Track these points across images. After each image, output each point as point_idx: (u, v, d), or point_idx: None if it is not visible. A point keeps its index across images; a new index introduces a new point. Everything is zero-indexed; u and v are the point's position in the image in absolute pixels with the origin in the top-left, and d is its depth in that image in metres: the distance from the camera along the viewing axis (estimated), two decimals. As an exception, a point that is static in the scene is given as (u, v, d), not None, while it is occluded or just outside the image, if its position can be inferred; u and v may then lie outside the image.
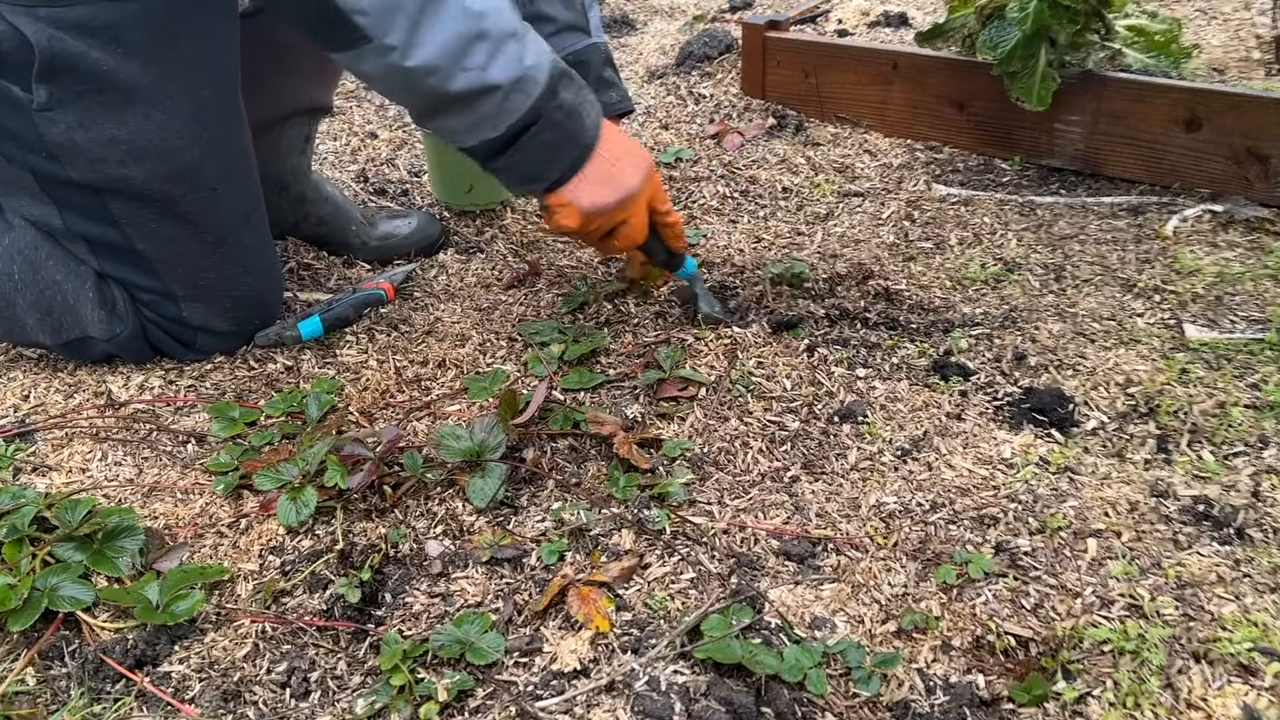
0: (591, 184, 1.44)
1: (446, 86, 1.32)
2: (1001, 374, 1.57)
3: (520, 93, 1.35)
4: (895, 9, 2.59)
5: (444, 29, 1.28)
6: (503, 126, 1.37)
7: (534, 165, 1.42)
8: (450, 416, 1.53)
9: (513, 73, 1.33)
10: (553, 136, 1.39)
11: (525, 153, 1.40)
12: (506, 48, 1.32)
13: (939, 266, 1.87)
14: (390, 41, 1.27)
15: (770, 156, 2.30)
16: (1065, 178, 2.18)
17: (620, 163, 1.46)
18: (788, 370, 1.57)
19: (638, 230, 1.54)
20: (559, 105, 1.38)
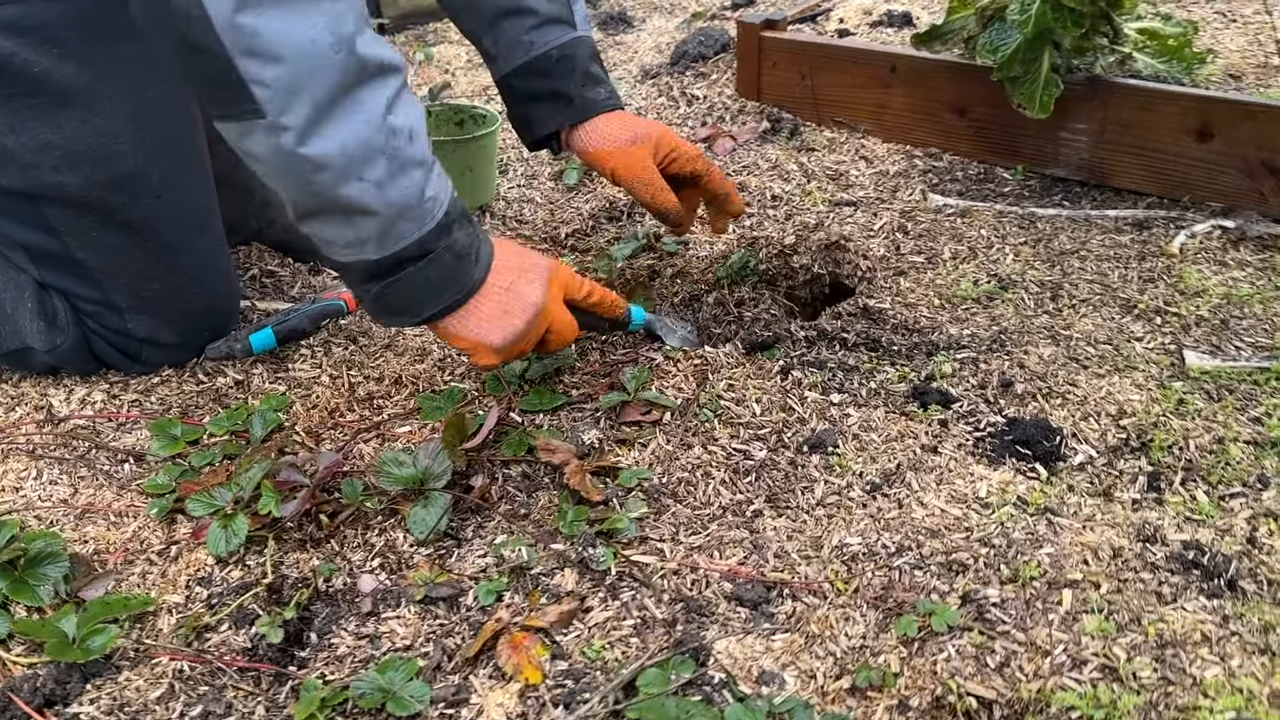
0: (493, 319, 1.34)
1: (335, 190, 1.16)
2: (986, 402, 1.48)
3: (410, 222, 1.22)
4: (899, 8, 2.49)
5: (351, 129, 1.15)
6: (385, 252, 1.23)
7: (408, 300, 1.29)
8: (400, 438, 1.46)
9: (408, 199, 1.20)
10: (436, 275, 1.28)
11: (403, 285, 1.27)
12: (410, 173, 1.20)
13: (929, 283, 1.78)
14: (285, 122, 1.12)
15: (762, 162, 2.21)
16: (1070, 188, 2.08)
17: (515, 285, 1.36)
18: (759, 394, 1.49)
19: (564, 331, 1.44)
20: (449, 246, 1.26)
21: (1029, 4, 1.89)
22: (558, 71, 1.58)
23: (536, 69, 1.58)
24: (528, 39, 1.57)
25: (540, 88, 1.60)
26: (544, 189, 2.21)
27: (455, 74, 2.75)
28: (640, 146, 1.60)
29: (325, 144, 1.13)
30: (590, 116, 1.61)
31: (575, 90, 1.59)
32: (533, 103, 1.62)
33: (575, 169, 2.22)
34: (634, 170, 1.60)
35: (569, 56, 1.58)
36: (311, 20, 1.08)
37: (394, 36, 2.85)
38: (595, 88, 1.61)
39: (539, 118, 1.62)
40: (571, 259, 1.93)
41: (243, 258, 1.90)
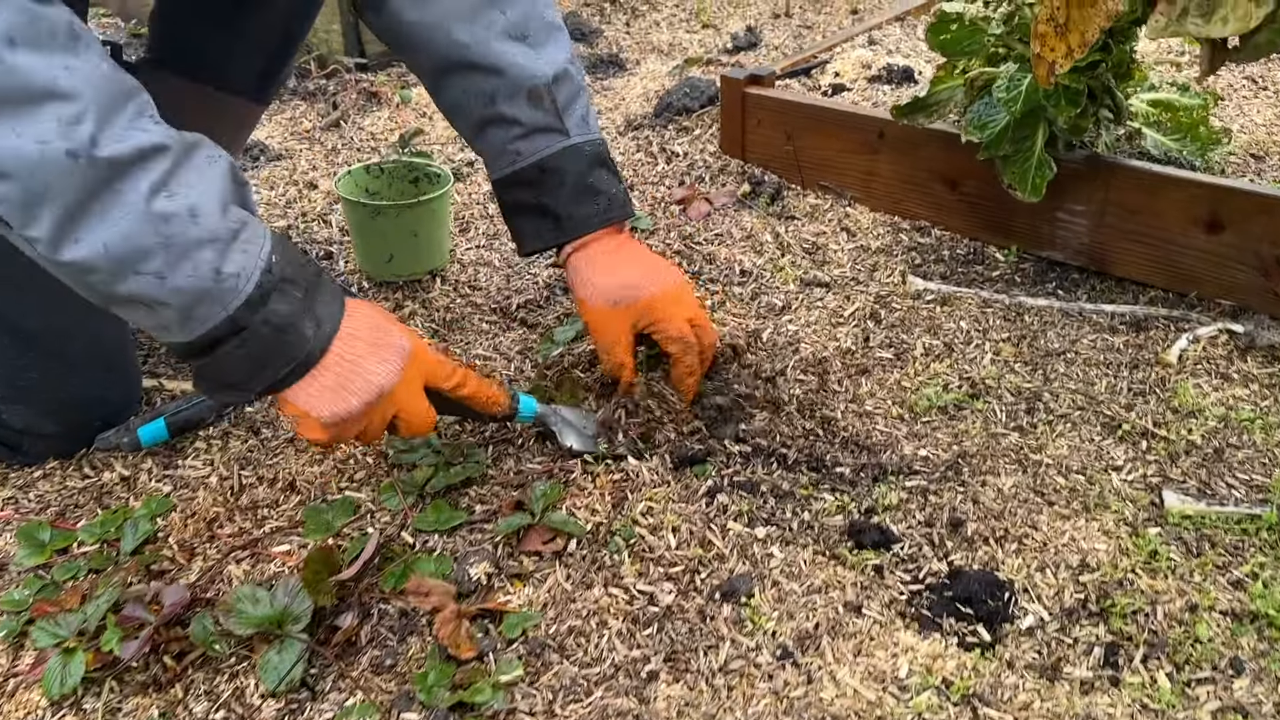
0: (327, 391, 1.19)
1: (113, 288, 1.06)
2: (930, 544, 1.31)
3: (212, 303, 1.09)
4: (900, 62, 2.33)
5: (109, 229, 1.02)
6: (191, 335, 1.11)
7: (232, 377, 1.16)
8: (275, 559, 1.33)
9: (199, 284, 1.07)
10: (258, 350, 1.14)
11: (222, 363, 1.14)
12: (197, 255, 1.07)
13: (893, 385, 1.61)
14: (32, 234, 1.01)
15: (735, 230, 2.06)
16: (1066, 274, 1.90)
17: (361, 361, 1.21)
18: (679, 521, 1.34)
19: (416, 420, 1.29)
20: (266, 320, 1.13)
21: (1017, 80, 1.72)
22: (544, 185, 1.45)
23: (522, 180, 1.46)
24: (513, 149, 1.45)
25: (526, 200, 1.47)
26: (504, 251, 2.07)
27: (433, 118, 2.62)
28: (620, 312, 1.47)
29: (83, 249, 1.02)
30: (580, 235, 1.48)
31: (564, 207, 1.46)
32: (520, 215, 1.50)
33: (537, 232, 2.08)
34: (602, 333, 1.49)
35: (556, 170, 1.45)
36: (37, 130, 0.96)
37: (375, 75, 2.73)
38: (589, 202, 1.47)
39: (526, 232, 1.51)
40: (518, 334, 1.79)
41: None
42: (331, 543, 1.33)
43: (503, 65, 1.42)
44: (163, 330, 1.12)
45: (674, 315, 1.48)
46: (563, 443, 1.45)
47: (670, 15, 3.21)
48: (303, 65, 2.84)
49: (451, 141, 2.50)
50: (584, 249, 1.47)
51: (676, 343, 1.48)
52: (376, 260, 1.93)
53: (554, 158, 1.44)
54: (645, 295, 1.47)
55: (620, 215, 1.50)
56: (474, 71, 1.43)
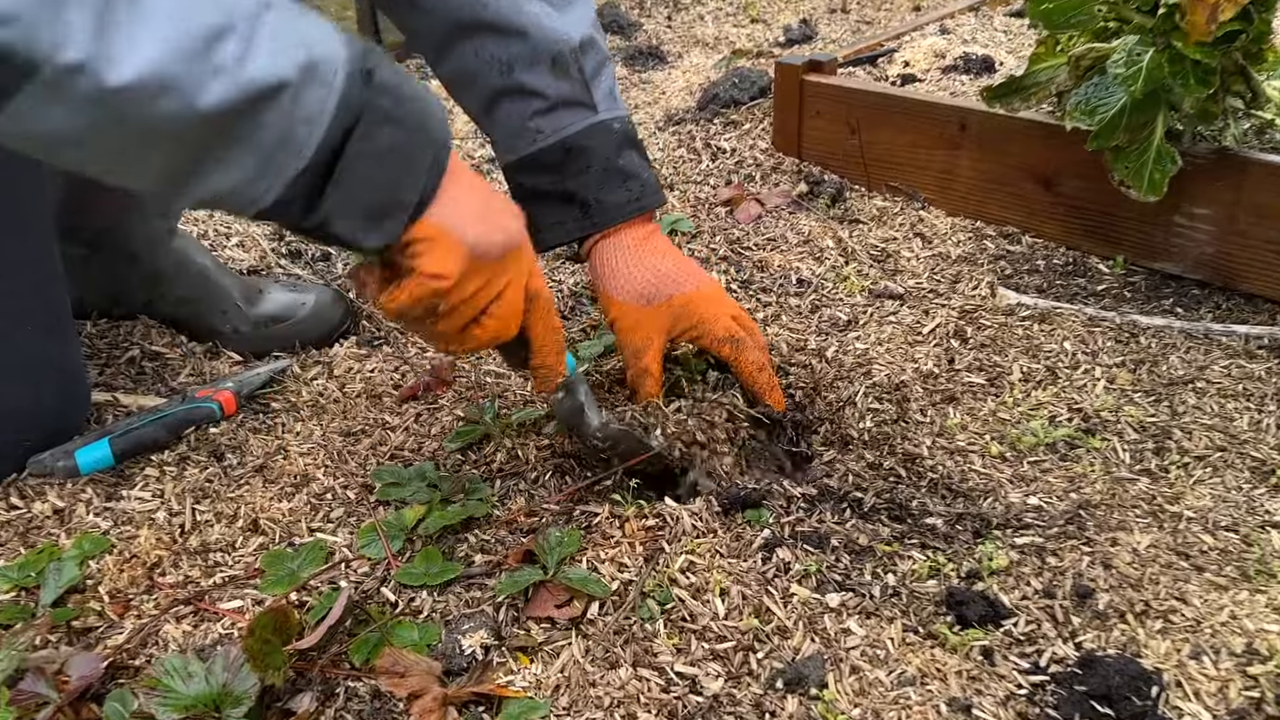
0: (470, 214, 0.93)
1: (195, 104, 0.75)
2: (1052, 620, 1.03)
3: (317, 84, 0.80)
4: (978, 50, 2.06)
5: (158, 22, 0.73)
6: (310, 146, 0.81)
7: (383, 187, 0.87)
8: (224, 617, 1.06)
9: (294, 57, 0.79)
10: (393, 135, 0.86)
11: (359, 174, 0.85)
12: (263, 26, 0.78)
13: (987, 416, 1.33)
14: (68, 58, 0.70)
15: (791, 234, 1.78)
16: (1185, 290, 1.61)
17: (494, 199, 0.97)
18: (728, 581, 1.06)
19: (511, 312, 1.02)
20: (382, 86, 0.85)
21: (1138, 54, 1.44)
22: (569, 168, 1.24)
23: (542, 163, 1.24)
24: (534, 126, 1.23)
25: (548, 186, 1.25)
26: (525, 255, 1.81)
27: (453, 111, 2.37)
28: (655, 311, 1.26)
29: (142, 55, 0.72)
30: (610, 225, 1.27)
31: (592, 192, 1.25)
32: (540, 204, 1.26)
33: (564, 233, 1.82)
34: (632, 334, 1.27)
35: (584, 149, 1.23)
36: None
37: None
38: (619, 187, 1.26)
39: (548, 224, 1.27)
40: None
41: (123, 336, 1.53)
42: (293, 598, 1.06)
43: (525, 26, 1.19)
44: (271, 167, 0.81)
45: (718, 314, 1.25)
46: (585, 418, 1.17)
47: (715, 9, 2.96)
48: (315, 54, 2.60)
49: (470, 137, 2.25)
50: (612, 237, 1.27)
51: (728, 343, 1.26)
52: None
53: (581, 136, 1.22)
54: (684, 292, 1.25)
55: (652, 203, 1.29)
56: (491, 33, 1.20)
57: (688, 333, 1.27)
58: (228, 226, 1.86)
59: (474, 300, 0.97)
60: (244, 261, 1.77)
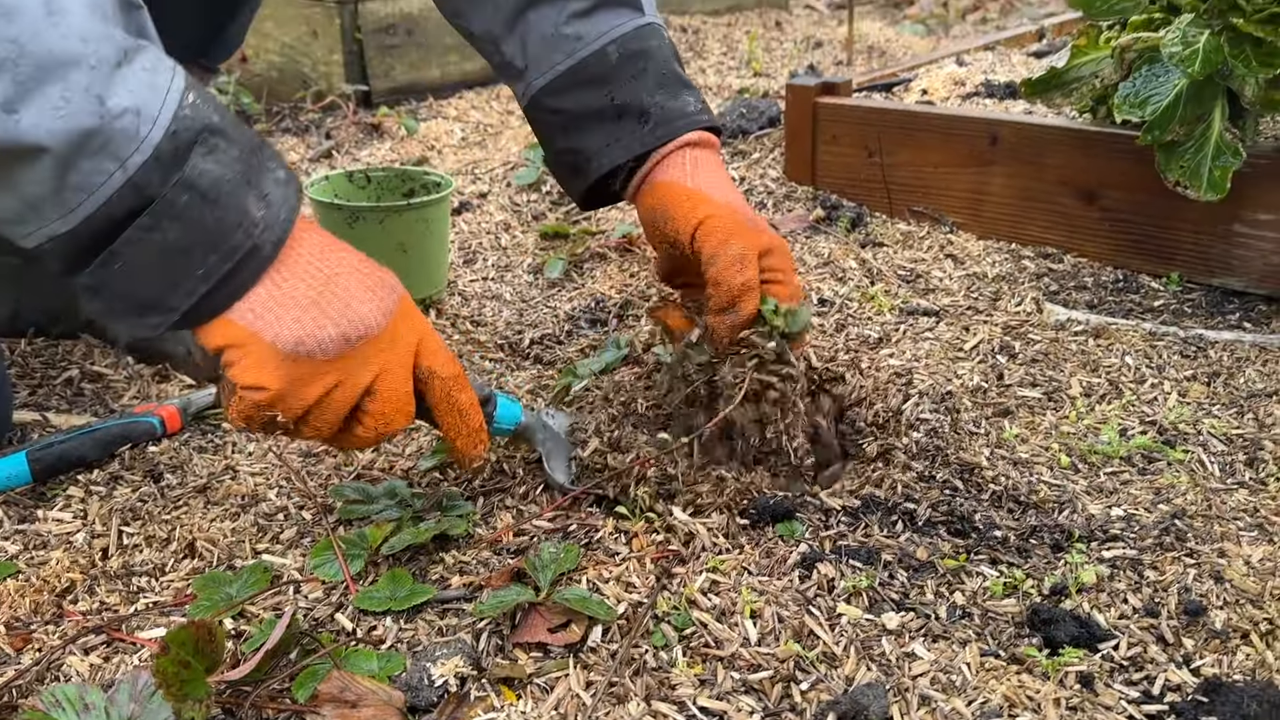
0: (291, 305, 0.79)
1: None
2: (1160, 641, 0.83)
3: (100, 154, 0.71)
4: (1001, 78, 1.94)
5: None
6: (79, 215, 0.72)
7: (147, 282, 0.76)
8: (143, 647, 0.86)
9: (76, 121, 0.69)
10: (178, 233, 0.74)
11: (130, 261, 0.74)
12: (65, 74, 0.69)
13: (1049, 429, 1.15)
14: None
15: (810, 257, 1.63)
16: (1250, 304, 1.45)
17: (343, 279, 0.81)
18: (760, 602, 0.87)
19: (392, 404, 0.85)
20: (189, 183, 0.74)
21: (1194, 35, 1.30)
22: (620, 76, 1.04)
23: (586, 75, 1.04)
24: (571, 31, 1.04)
25: (594, 103, 1.05)
26: (517, 283, 1.65)
27: (441, 151, 2.24)
28: (755, 231, 1.04)
29: None
30: (678, 135, 1.05)
31: (650, 98, 1.04)
32: (584, 127, 1.06)
33: (560, 260, 1.66)
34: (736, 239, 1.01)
35: (638, 52, 1.04)
36: None
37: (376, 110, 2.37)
38: (682, 94, 1.06)
39: (599, 148, 1.06)
40: (530, 373, 1.35)
41: (61, 355, 1.36)
42: (228, 626, 0.87)
43: None
44: (29, 217, 0.72)
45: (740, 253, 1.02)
46: (548, 473, 1.01)
47: (718, 62, 2.87)
48: (297, 100, 2.49)
49: (461, 173, 2.11)
50: (685, 150, 1.05)
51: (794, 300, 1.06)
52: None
53: (632, 38, 1.03)
54: (771, 233, 1.05)
55: (713, 121, 1.09)
56: None
57: (774, 272, 1.04)
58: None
59: (328, 404, 0.82)
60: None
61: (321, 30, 2.43)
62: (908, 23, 3.74)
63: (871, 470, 1.06)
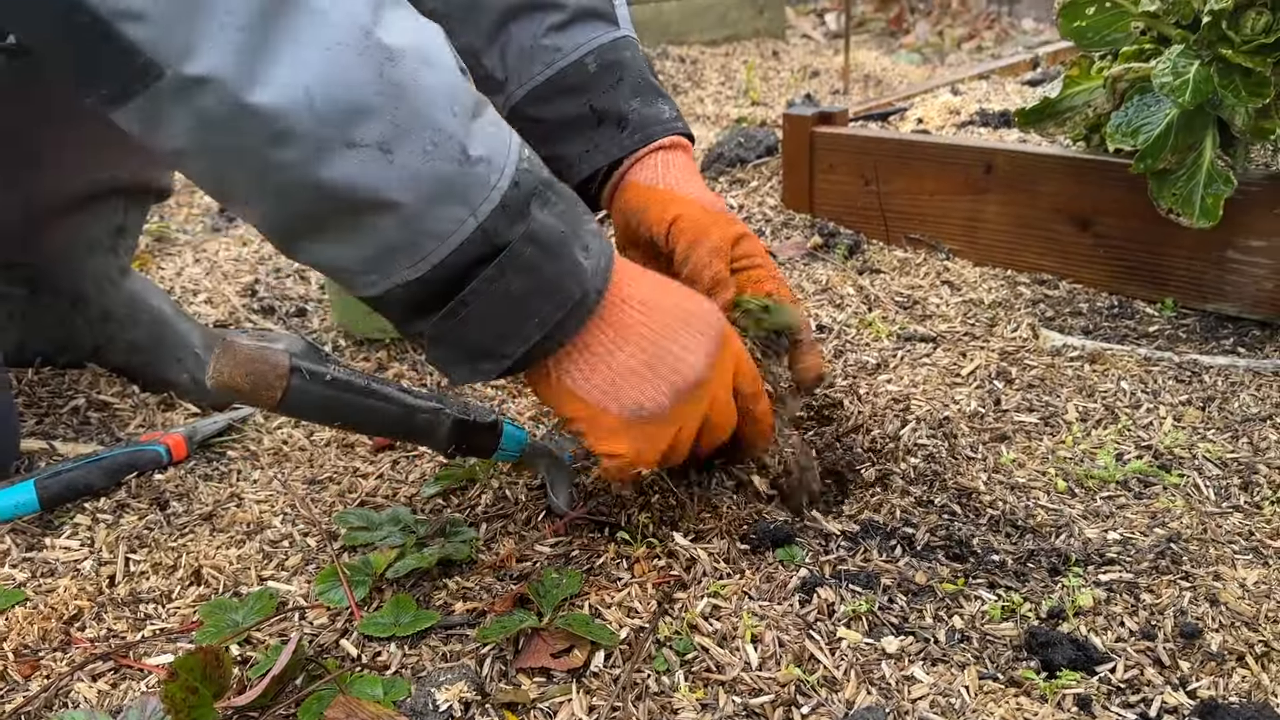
0: (628, 374, 0.85)
1: (313, 171, 0.70)
2: (1156, 664, 0.84)
3: (455, 201, 0.74)
4: (995, 107, 1.96)
5: (310, 61, 0.67)
6: (430, 262, 0.76)
7: (488, 330, 0.80)
8: (150, 673, 0.87)
9: (440, 166, 0.73)
10: (522, 283, 0.79)
11: (475, 310, 0.78)
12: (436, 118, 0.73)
13: (1046, 454, 1.17)
14: (199, 69, 0.65)
15: (807, 284, 1.65)
16: (1244, 330, 1.46)
17: (671, 333, 0.87)
18: (760, 626, 0.88)
19: (724, 422, 0.94)
20: (531, 236, 0.78)
21: (1184, 66, 1.33)
22: (599, 84, 1.07)
23: (565, 85, 1.07)
24: (550, 43, 1.07)
25: (572, 110, 1.08)
26: (518, 312, 1.66)
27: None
28: (725, 221, 1.07)
29: (275, 90, 0.67)
30: (651, 141, 1.08)
31: (627, 105, 1.07)
32: (563, 136, 1.09)
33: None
34: (708, 233, 1.04)
35: (615, 63, 1.07)
36: None
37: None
38: (657, 102, 1.09)
39: (574, 155, 1.09)
40: (532, 399, 1.36)
41: (68, 384, 1.37)
42: (235, 652, 0.88)
43: None
44: (380, 265, 0.76)
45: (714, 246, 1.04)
46: (550, 498, 1.02)
47: (716, 92, 2.90)
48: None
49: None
50: (658, 153, 1.08)
51: (786, 286, 1.08)
52: (358, 311, 1.52)
53: (609, 50, 1.07)
54: (703, 208, 1.07)
55: (687, 129, 1.12)
56: None
57: (750, 259, 1.06)
58: (195, 283, 1.72)
59: (677, 447, 0.91)
60: (211, 317, 1.62)
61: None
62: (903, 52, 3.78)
63: (870, 495, 1.07)
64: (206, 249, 1.97)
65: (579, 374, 0.85)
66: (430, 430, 0.91)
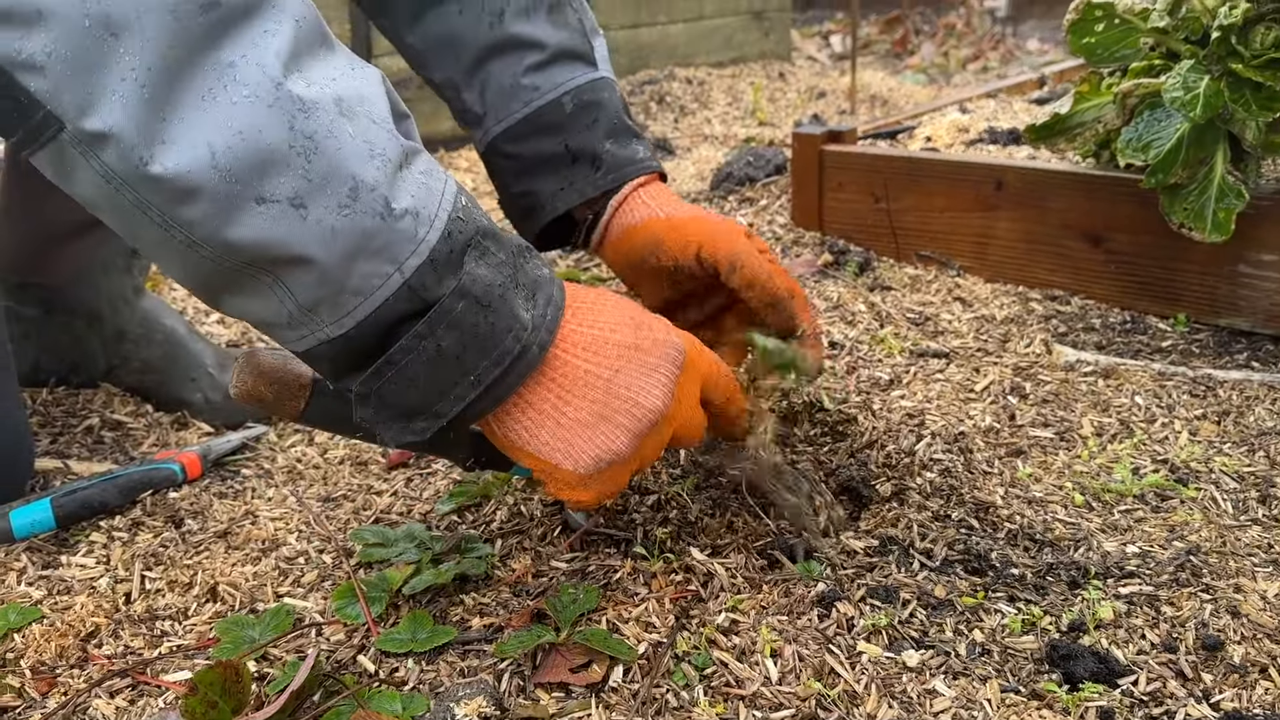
0: (580, 427, 0.81)
1: (223, 231, 0.66)
2: (1178, 676, 0.84)
3: (378, 257, 0.71)
4: (1004, 125, 1.97)
5: (217, 120, 0.64)
6: (354, 319, 0.72)
7: (417, 391, 0.76)
8: (167, 690, 0.87)
9: (360, 221, 0.69)
10: (452, 341, 0.74)
11: (403, 369, 0.74)
12: (355, 171, 0.69)
13: (1062, 468, 1.16)
14: (97, 125, 0.62)
15: (819, 300, 1.65)
16: (1258, 344, 1.46)
17: (624, 374, 0.82)
18: (779, 641, 0.87)
19: (691, 434, 0.90)
20: (463, 291, 0.74)
21: (1194, 80, 1.33)
22: (573, 125, 1.07)
23: (541, 124, 1.07)
24: (528, 83, 1.06)
25: (548, 148, 1.07)
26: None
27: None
28: (696, 222, 1.06)
29: (178, 153, 0.63)
30: (626, 180, 1.08)
31: (602, 145, 1.07)
32: (539, 173, 1.09)
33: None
34: (741, 241, 1.03)
35: (591, 104, 1.07)
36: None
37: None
38: (631, 143, 1.09)
39: (548, 193, 1.08)
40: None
41: (82, 404, 1.37)
42: (251, 668, 0.88)
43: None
44: (301, 322, 0.72)
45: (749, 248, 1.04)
46: (567, 514, 1.03)
47: (724, 112, 2.92)
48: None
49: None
50: (635, 194, 1.08)
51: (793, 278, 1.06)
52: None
53: (586, 90, 1.06)
54: (715, 221, 1.06)
55: (660, 168, 1.12)
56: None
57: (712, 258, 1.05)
58: (209, 303, 1.73)
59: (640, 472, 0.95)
60: (224, 337, 1.63)
61: (334, 84, 2.47)
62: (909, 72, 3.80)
63: (887, 510, 1.07)
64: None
65: (525, 432, 0.81)
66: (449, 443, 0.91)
